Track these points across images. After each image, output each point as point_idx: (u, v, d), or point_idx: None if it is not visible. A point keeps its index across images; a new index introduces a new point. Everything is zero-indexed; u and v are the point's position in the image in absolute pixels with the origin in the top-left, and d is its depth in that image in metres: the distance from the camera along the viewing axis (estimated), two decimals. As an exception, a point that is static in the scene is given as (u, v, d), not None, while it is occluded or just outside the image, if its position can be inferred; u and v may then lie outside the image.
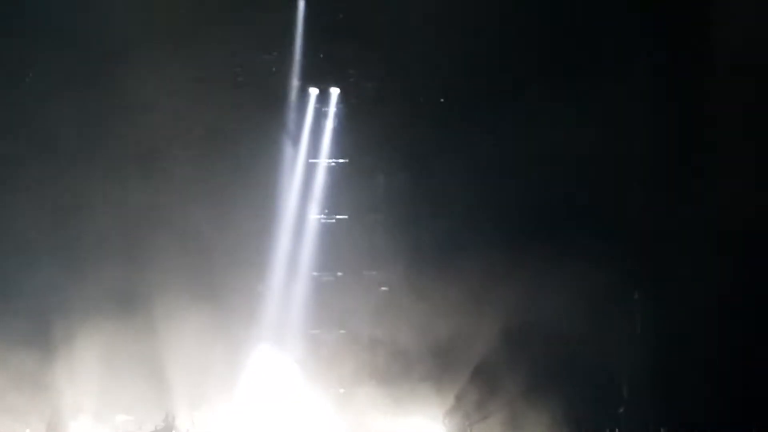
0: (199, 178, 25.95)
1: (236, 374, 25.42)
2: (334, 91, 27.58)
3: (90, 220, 25.47)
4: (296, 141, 27.60)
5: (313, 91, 27.56)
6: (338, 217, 27.86)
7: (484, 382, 25.44)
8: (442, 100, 27.03)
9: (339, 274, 27.67)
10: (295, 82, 27.28)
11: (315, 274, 27.58)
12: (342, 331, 27.20)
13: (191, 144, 25.95)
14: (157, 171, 25.74)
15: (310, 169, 27.83)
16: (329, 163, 27.91)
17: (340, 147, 27.89)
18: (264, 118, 26.72)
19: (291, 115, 27.43)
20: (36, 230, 25.40)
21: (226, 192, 26.11)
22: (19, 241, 25.56)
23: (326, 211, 27.91)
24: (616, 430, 25.93)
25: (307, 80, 27.38)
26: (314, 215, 27.80)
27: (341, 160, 27.88)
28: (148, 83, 25.27)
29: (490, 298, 24.76)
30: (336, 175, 27.94)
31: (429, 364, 25.70)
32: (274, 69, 26.91)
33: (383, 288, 27.23)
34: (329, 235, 27.76)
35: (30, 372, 24.28)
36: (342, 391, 26.60)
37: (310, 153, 27.85)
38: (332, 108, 27.67)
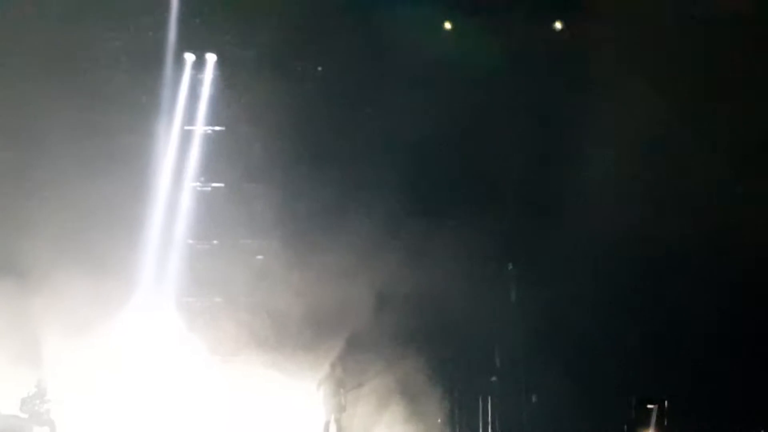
0: (73, 144, 25.92)
1: (111, 341, 25.50)
2: (211, 58, 27.79)
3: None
4: (171, 108, 27.65)
5: (189, 57, 27.73)
6: (214, 185, 28.09)
7: (359, 351, 25.87)
8: (319, 68, 27.47)
9: (215, 242, 27.96)
10: (171, 48, 27.36)
11: (190, 242, 27.86)
12: (217, 299, 27.58)
13: (63, 111, 25.72)
14: (28, 141, 25.96)
15: (185, 137, 27.98)
16: (205, 130, 28.06)
17: (216, 115, 28.05)
18: (138, 84, 26.80)
19: (166, 81, 27.49)
20: None
21: (99, 159, 26.06)
22: None
23: (202, 179, 28.09)
24: (489, 398, 26.83)
25: (184, 46, 27.45)
26: (190, 183, 28.01)
27: (218, 128, 28.08)
28: (17, 45, 25.41)
29: (366, 267, 25.06)
30: (212, 143, 28.10)
31: (304, 332, 26.05)
32: (150, 33, 26.95)
33: (259, 256, 27.58)
34: (205, 203, 28.01)
35: None
36: (218, 358, 26.97)
37: (186, 120, 27.99)
38: (209, 75, 27.81)
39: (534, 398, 26.70)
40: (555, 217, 26.18)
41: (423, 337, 26.18)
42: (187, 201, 27.93)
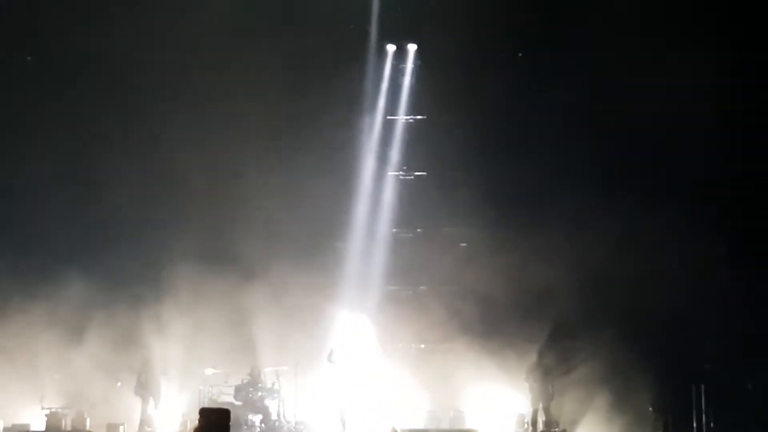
0: (278, 136, 26.92)
1: (320, 332, 26.01)
2: (412, 48, 28.38)
3: (179, 186, 26.57)
4: (374, 99, 28.41)
5: (391, 48, 28.40)
6: (417, 173, 28.72)
7: (567, 337, 25.82)
8: (520, 54, 27.68)
9: (418, 230, 28.57)
10: (373, 39, 28.04)
11: (394, 230, 28.57)
12: (422, 287, 28.13)
13: (268, 105, 26.60)
14: (237, 133, 26.79)
15: (387, 127, 28.74)
16: (407, 119, 28.71)
17: (418, 104, 28.66)
18: (341, 75, 27.46)
19: (368, 72, 28.23)
20: (125, 199, 26.77)
21: (303, 151, 26.94)
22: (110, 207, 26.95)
23: (405, 168, 28.81)
24: (702, 385, 26.24)
25: (385, 37, 28.16)
26: (393, 172, 28.73)
27: (419, 117, 28.67)
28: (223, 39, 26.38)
29: (573, 250, 25.08)
30: (414, 132, 28.76)
31: (511, 318, 26.19)
32: (351, 26, 27.67)
33: (463, 243, 28.07)
34: (408, 192, 28.65)
35: (121, 328, 25.54)
36: (422, 347, 27.65)
37: (388, 110, 28.74)
38: (410, 64, 28.49)
39: (750, 386, 26.11)
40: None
41: (632, 322, 25.76)
42: (390, 190, 28.58)
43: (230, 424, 5.25)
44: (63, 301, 25.59)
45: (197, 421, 5.13)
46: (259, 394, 24.62)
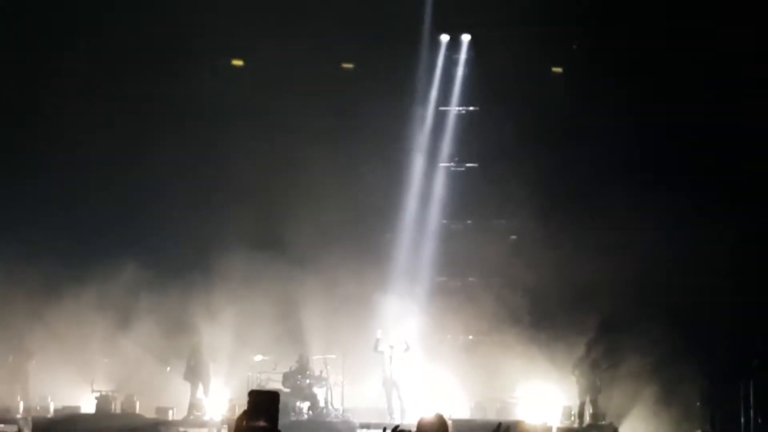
0: (331, 126, 27.03)
1: (368, 321, 26.06)
2: (466, 38, 28.47)
3: (233, 174, 27.21)
4: (427, 89, 28.54)
5: (444, 38, 28.51)
6: (468, 165, 28.84)
7: (615, 330, 25.74)
8: (575, 46, 27.73)
9: (468, 222, 28.72)
10: (426, 30, 28.09)
11: (444, 222, 28.73)
12: (471, 279, 28.27)
13: (322, 93, 27.10)
14: (291, 122, 27.09)
15: (439, 118, 28.88)
16: (459, 111, 28.82)
17: (470, 95, 28.78)
18: (394, 66, 27.76)
19: (422, 63, 28.33)
20: (178, 185, 27.16)
21: (355, 141, 27.11)
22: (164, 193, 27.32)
23: (456, 159, 28.94)
24: (750, 382, 25.85)
25: (438, 27, 28.24)
26: (444, 163, 28.88)
27: (471, 108, 28.77)
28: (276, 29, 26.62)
29: (621, 245, 24.93)
30: (466, 123, 28.89)
31: (557, 312, 26.35)
32: (405, 16, 27.54)
33: (513, 236, 28.19)
34: (459, 183, 28.82)
35: (170, 314, 25.92)
36: (470, 338, 27.79)
37: (440, 101, 28.86)
38: (463, 55, 28.62)
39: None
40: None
41: (680, 317, 25.57)
42: (441, 182, 28.72)
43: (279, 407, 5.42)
44: (114, 286, 26.01)
45: (246, 404, 5.31)
46: (307, 381, 24.74)
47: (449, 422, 5.79)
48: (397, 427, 5.92)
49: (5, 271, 25.18)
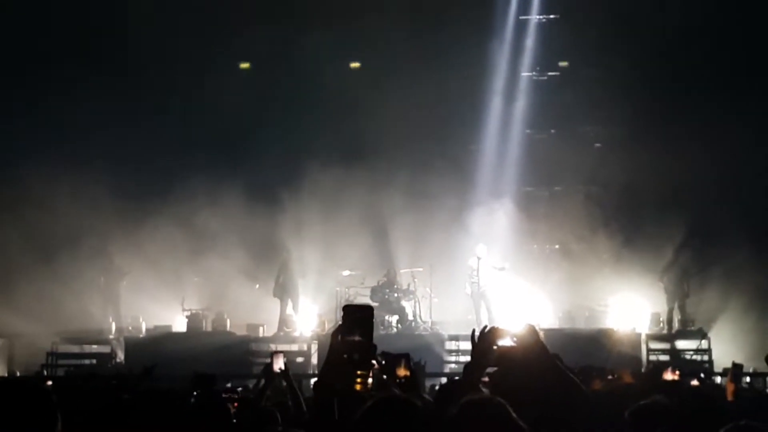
0: (417, 36, 27.21)
1: (454, 233, 26.51)
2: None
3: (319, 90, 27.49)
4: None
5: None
6: (550, 73, 28.78)
7: (703, 236, 25.65)
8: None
9: (552, 131, 28.71)
10: None
11: (528, 131, 28.75)
12: (556, 188, 28.45)
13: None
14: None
15: (520, 26, 28.80)
16: (540, 19, 28.69)
17: (550, 1, 28.66)
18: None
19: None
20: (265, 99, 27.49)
21: (439, 51, 27.27)
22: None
23: (538, 68, 28.90)
24: None
25: None
26: (526, 72, 28.81)
27: (552, 16, 28.67)
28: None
29: (708, 149, 24.61)
30: (547, 30, 28.76)
31: (644, 219, 26.29)
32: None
33: (597, 144, 28.14)
34: (541, 92, 28.83)
35: (259, 230, 26.27)
36: (557, 247, 27.93)
37: (521, 9, 28.74)
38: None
39: None
40: None
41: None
42: (524, 91, 28.76)
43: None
44: (201, 206, 26.50)
45: (341, 319, 5.57)
46: (395, 295, 25.10)
47: (540, 332, 5.98)
48: (485, 327, 6.13)
49: (94, 191, 25.74)
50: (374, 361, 5.69)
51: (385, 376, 7.40)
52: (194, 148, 28.09)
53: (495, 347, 5.91)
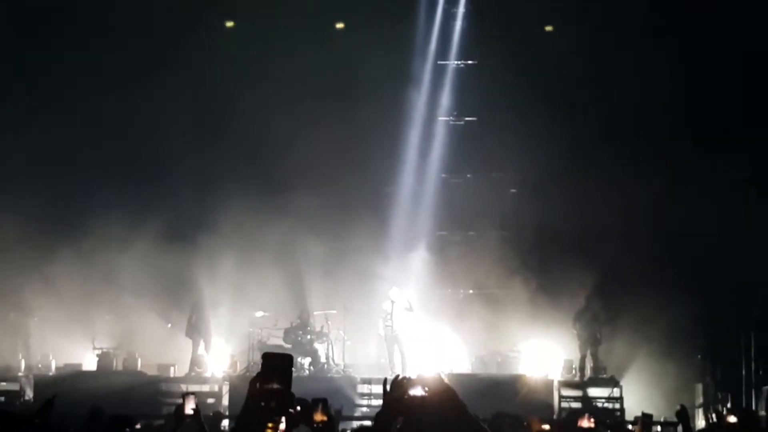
0: (330, 79, 27.44)
1: (368, 276, 26.63)
2: (463, -8, 28.55)
3: (229, 121, 27.53)
4: (425, 43, 28.66)
5: (442, -8, 28.58)
6: (467, 119, 29.01)
7: (614, 283, 26.03)
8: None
9: (468, 175, 28.95)
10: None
11: (444, 176, 28.95)
12: (471, 233, 28.57)
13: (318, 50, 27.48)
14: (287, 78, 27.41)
15: (438, 72, 29.03)
16: (457, 64, 28.98)
17: (469, 49, 28.87)
18: (392, 19, 27.94)
19: (420, 16, 28.48)
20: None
21: (353, 93, 27.21)
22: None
23: (455, 113, 29.10)
24: (751, 333, 26.28)
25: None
26: (443, 117, 29.06)
27: (470, 62, 28.94)
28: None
29: (622, 197, 25.24)
30: (464, 76, 29.01)
31: (557, 266, 26.43)
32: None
33: (512, 189, 28.42)
34: (458, 137, 28.99)
35: (172, 269, 26.08)
36: (470, 292, 28.06)
37: (439, 54, 28.98)
38: (461, 8, 28.67)
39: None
40: None
41: (681, 269, 26.00)
42: (440, 135, 28.94)
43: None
44: (114, 244, 26.30)
45: (260, 366, 5.71)
46: (308, 337, 25.18)
47: (446, 381, 6.16)
48: (397, 376, 6.26)
49: (4, 227, 25.41)
50: (291, 410, 5.83)
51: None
52: (107, 184, 27.81)
53: (406, 396, 6.04)
